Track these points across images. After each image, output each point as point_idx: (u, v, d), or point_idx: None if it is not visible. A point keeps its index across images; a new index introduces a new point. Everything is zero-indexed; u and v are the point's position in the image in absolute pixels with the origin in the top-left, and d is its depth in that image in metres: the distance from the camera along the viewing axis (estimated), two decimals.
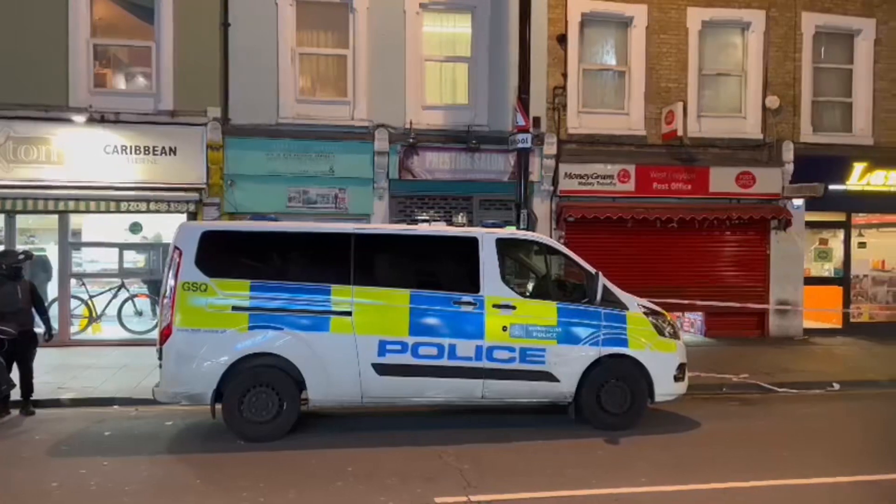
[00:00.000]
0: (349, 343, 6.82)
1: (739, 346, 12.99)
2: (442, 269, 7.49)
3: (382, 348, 6.86)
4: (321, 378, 6.83)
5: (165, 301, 6.83)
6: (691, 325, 14.50)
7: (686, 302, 12.93)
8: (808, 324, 14.33)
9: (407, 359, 6.90)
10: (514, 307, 7.14)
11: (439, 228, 7.65)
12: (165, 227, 11.89)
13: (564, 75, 13.33)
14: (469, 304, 7.05)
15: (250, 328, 6.75)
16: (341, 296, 6.87)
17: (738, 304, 13.13)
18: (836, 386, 9.83)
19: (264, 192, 12.21)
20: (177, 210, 11.74)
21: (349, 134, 12.60)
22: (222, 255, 6.93)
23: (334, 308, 6.85)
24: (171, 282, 6.81)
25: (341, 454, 6.34)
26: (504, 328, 7.06)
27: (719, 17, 13.73)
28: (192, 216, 11.83)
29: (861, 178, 14.07)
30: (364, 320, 6.87)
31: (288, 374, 6.82)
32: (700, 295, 13.50)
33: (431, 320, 6.97)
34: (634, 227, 13.28)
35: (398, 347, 6.88)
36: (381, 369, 6.88)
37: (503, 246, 7.46)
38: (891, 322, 14.57)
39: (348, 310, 6.85)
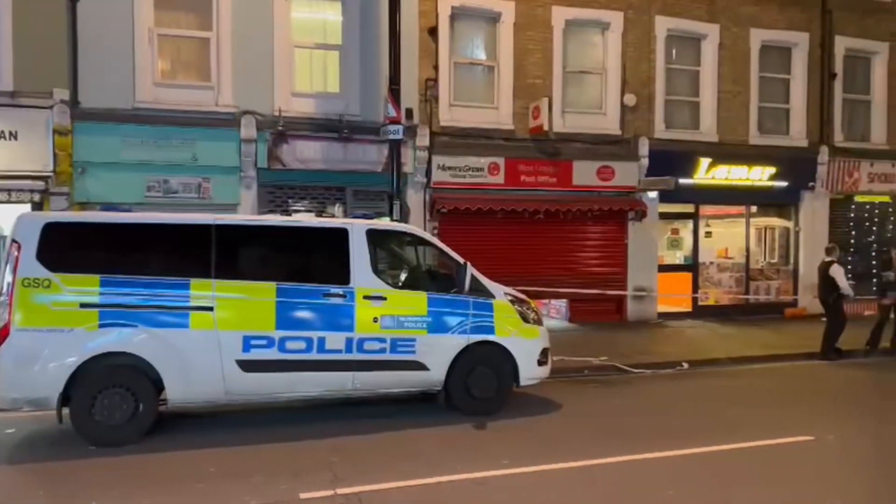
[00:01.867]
0: (211, 339, 6.54)
1: (601, 330, 13.73)
2: (311, 261, 7.35)
3: (247, 344, 6.64)
4: (180, 377, 6.51)
5: (2, 299, 6.24)
6: (557, 311, 15.13)
7: (551, 289, 13.51)
8: (663, 308, 15.39)
9: (273, 354, 6.72)
10: (384, 298, 7.13)
11: (308, 219, 7.51)
12: (8, 218, 10.87)
13: (436, 68, 13.46)
14: (339, 296, 6.97)
15: (101, 326, 6.31)
16: (201, 290, 6.57)
17: (598, 291, 13.88)
18: (685, 365, 10.61)
19: (120, 181, 11.45)
20: (19, 200, 10.78)
21: (213, 120, 12.08)
22: (68, 248, 6.41)
23: (193, 303, 6.54)
24: (8, 278, 6.24)
25: (204, 454, 6.08)
26: (375, 319, 7.04)
27: (581, 17, 14.37)
28: (38, 206, 10.90)
29: (707, 173, 15.24)
30: (227, 315, 6.61)
31: (144, 374, 6.44)
32: (565, 283, 14.17)
33: (299, 314, 6.83)
34: (504, 219, 13.68)
35: (264, 342, 6.69)
36: (246, 366, 6.66)
37: (374, 237, 7.43)
38: (733, 305, 15.96)
39: (209, 305, 6.57)
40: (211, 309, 6.58)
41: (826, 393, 9.15)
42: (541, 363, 7.82)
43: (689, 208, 15.73)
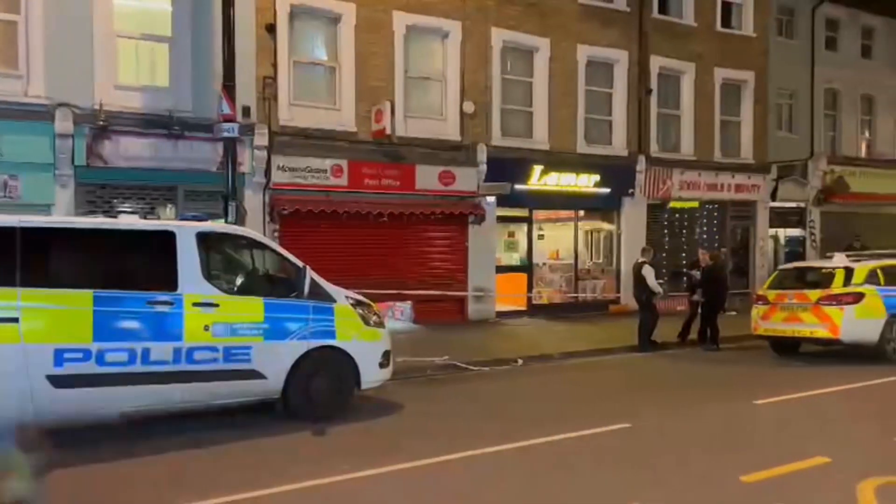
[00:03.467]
0: (16, 354, 5.87)
1: (443, 330, 14.03)
2: (134, 266, 6.84)
3: (59, 358, 6.04)
4: None
5: None
6: (401, 313, 15.24)
7: (394, 291, 13.61)
8: (501, 307, 16.03)
9: (91, 367, 6.16)
10: (217, 305, 6.78)
11: (130, 221, 7.01)
12: None
13: (275, 66, 13.10)
14: (165, 303, 6.53)
15: None
16: (4, 300, 5.90)
17: (440, 292, 14.18)
18: (520, 362, 11.12)
19: None
20: None
21: (22, 112, 10.94)
22: None
23: None
24: None
25: None
26: (206, 327, 6.68)
27: (422, 24, 14.63)
28: None
29: (540, 179, 16.08)
30: (35, 327, 5.98)
31: None
32: (409, 285, 14.33)
33: (120, 323, 6.31)
34: (348, 221, 13.59)
35: (79, 356, 6.11)
36: (59, 381, 6.05)
37: (205, 240, 7.05)
38: (564, 303, 16.97)
39: (14, 316, 5.90)
40: (16, 320, 5.91)
41: (643, 383, 9.99)
42: (382, 366, 7.82)
43: (524, 212, 16.53)
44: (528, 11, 15.89)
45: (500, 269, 16.11)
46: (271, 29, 13.02)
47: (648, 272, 12.40)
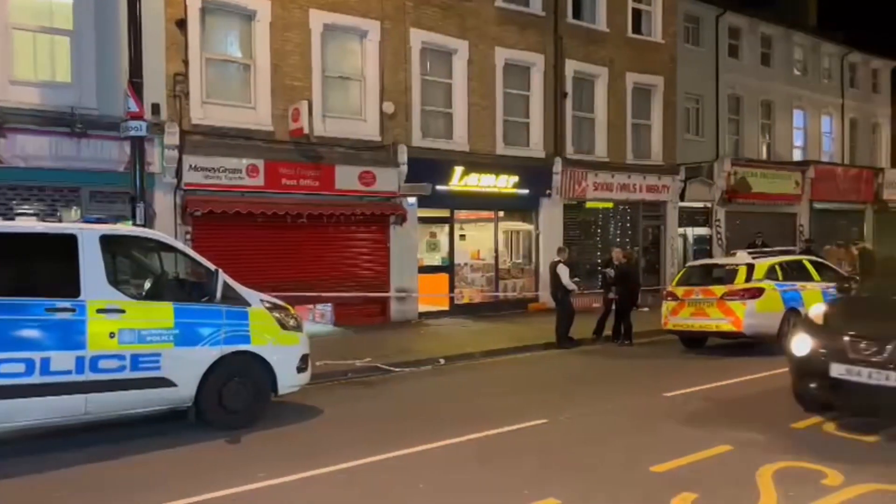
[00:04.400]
0: None
1: (365, 332, 13.94)
2: (31, 271, 6.47)
3: None
4: None
5: None
6: (322, 315, 15.10)
7: (313, 294, 13.42)
8: (423, 307, 16.06)
9: None
10: (123, 311, 6.49)
11: (28, 224, 6.60)
12: None
13: (186, 62, 12.68)
14: (66, 310, 6.20)
15: None
16: None
17: (360, 294, 14.08)
18: (443, 361, 11.17)
19: None
20: None
21: None
22: None
23: None
24: None
25: None
26: (112, 335, 6.38)
27: (340, 23, 14.48)
28: None
29: (460, 180, 16.20)
30: None
31: None
32: (330, 287, 14.16)
33: (16, 332, 5.95)
34: (265, 223, 13.30)
35: None
36: None
37: (110, 243, 6.75)
38: (485, 302, 17.17)
39: None
40: None
41: (559, 379, 10.23)
42: (301, 370, 7.69)
43: (446, 213, 16.62)
44: (447, 13, 15.99)
45: (423, 270, 16.13)
46: (182, 24, 12.58)
47: (563, 271, 12.72)
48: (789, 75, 27.30)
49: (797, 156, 27.17)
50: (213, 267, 7.10)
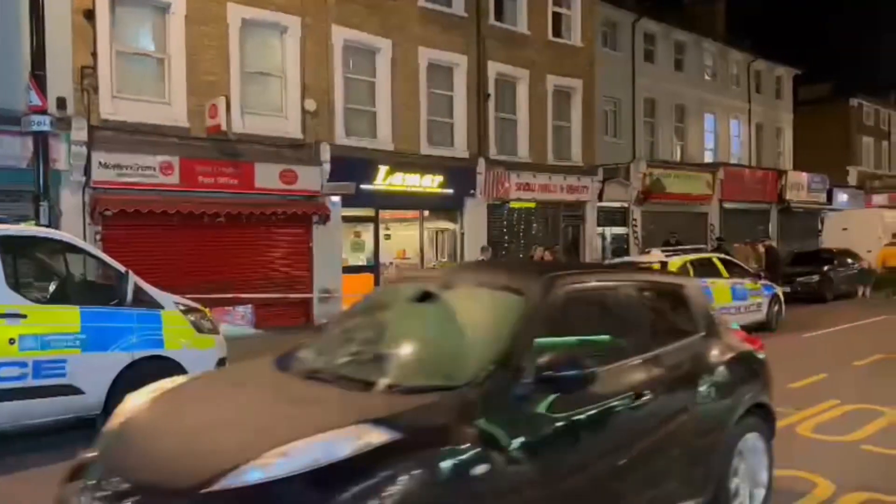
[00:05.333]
0: None
1: (287, 334, 13.62)
2: None
3: None
4: None
5: None
6: (242, 317, 14.68)
7: (231, 296, 13.08)
8: (347, 308, 15.86)
9: None
10: (24, 316, 6.13)
11: None
12: None
13: (95, 55, 12.11)
14: None
15: None
16: None
17: (283, 295, 13.81)
18: None
19: None
20: None
21: None
22: None
23: None
24: None
25: None
26: (11, 341, 6.02)
27: (259, 18, 14.16)
28: None
29: (385, 180, 16.16)
30: None
31: None
32: (250, 288, 13.84)
33: None
34: (181, 222, 12.88)
35: None
36: None
37: (9, 244, 6.37)
38: None
39: None
40: None
41: None
42: None
43: (370, 212, 16.53)
44: (369, 11, 15.90)
45: (347, 270, 15.98)
46: (90, 15, 12.00)
47: None
48: (700, 81, 28.57)
49: (708, 158, 28.47)
50: (122, 268, 6.81)
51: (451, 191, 17.47)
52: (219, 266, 13.55)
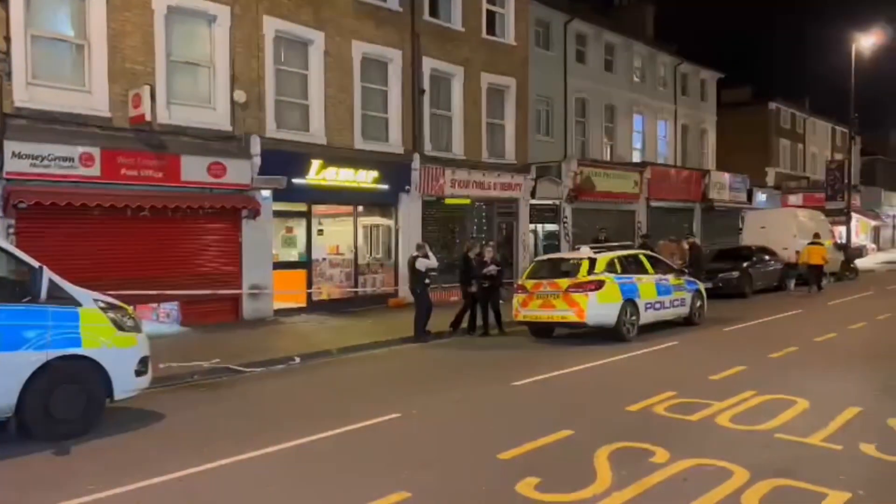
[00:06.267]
0: None
1: (215, 331, 13.34)
2: None
3: None
4: None
5: None
6: (167, 315, 14.28)
7: (155, 292, 12.66)
8: (279, 305, 15.62)
9: None
10: None
11: None
12: None
13: (8, 39, 11.49)
14: None
15: None
16: None
17: (209, 291, 13.45)
18: (298, 360, 10.91)
19: None
20: None
21: None
22: None
23: None
24: None
25: None
26: None
27: (185, 5, 13.71)
28: None
29: (318, 174, 15.91)
30: None
31: None
32: (176, 284, 13.43)
33: None
34: (103, 216, 12.37)
35: None
36: None
37: None
38: (344, 298, 17.01)
39: None
40: None
41: (416, 372, 10.36)
42: (139, 373, 7.21)
43: (303, 207, 16.25)
44: (301, 2, 15.61)
45: (278, 266, 15.67)
46: None
47: (422, 264, 12.94)
48: (630, 82, 29.36)
49: (636, 157, 29.29)
50: (36, 264, 6.48)
51: (385, 186, 17.36)
52: (143, 262, 13.07)
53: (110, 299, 7.34)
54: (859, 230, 38.88)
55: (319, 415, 7.41)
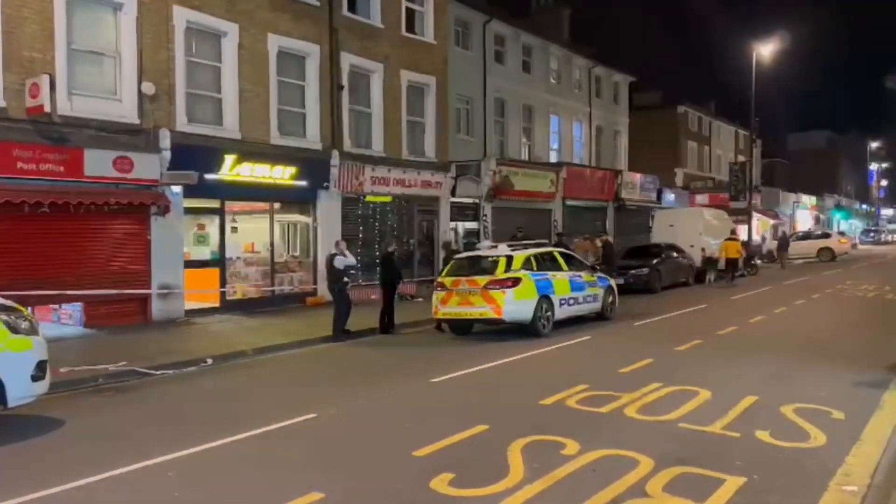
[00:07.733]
0: None
1: (122, 333, 12.78)
2: None
3: None
4: None
5: None
6: (69, 316, 13.58)
7: (56, 292, 12.00)
8: (191, 305, 15.10)
9: None
10: None
11: None
12: None
13: None
14: None
15: None
16: None
17: (117, 291, 12.85)
18: (210, 361, 10.58)
19: None
20: None
21: None
22: None
23: None
24: None
25: None
26: None
27: None
28: None
29: (232, 169, 15.46)
30: None
31: None
32: (80, 284, 12.79)
33: None
34: None
35: None
36: None
37: None
38: (260, 297, 16.62)
39: None
40: None
41: (334, 371, 10.25)
42: (37, 378, 6.82)
43: (216, 203, 15.76)
44: None
45: (189, 264, 15.13)
46: None
47: (340, 262, 12.83)
48: (547, 83, 29.99)
49: (553, 157, 29.97)
50: None
51: (304, 183, 17.06)
52: (42, 260, 12.37)
53: (4, 301, 6.93)
54: (759, 228, 41.12)
55: (232, 417, 7.22)
